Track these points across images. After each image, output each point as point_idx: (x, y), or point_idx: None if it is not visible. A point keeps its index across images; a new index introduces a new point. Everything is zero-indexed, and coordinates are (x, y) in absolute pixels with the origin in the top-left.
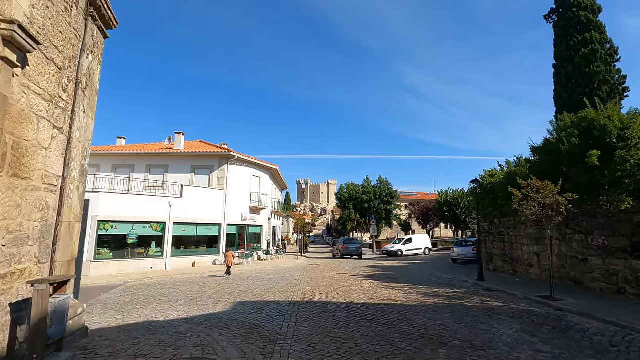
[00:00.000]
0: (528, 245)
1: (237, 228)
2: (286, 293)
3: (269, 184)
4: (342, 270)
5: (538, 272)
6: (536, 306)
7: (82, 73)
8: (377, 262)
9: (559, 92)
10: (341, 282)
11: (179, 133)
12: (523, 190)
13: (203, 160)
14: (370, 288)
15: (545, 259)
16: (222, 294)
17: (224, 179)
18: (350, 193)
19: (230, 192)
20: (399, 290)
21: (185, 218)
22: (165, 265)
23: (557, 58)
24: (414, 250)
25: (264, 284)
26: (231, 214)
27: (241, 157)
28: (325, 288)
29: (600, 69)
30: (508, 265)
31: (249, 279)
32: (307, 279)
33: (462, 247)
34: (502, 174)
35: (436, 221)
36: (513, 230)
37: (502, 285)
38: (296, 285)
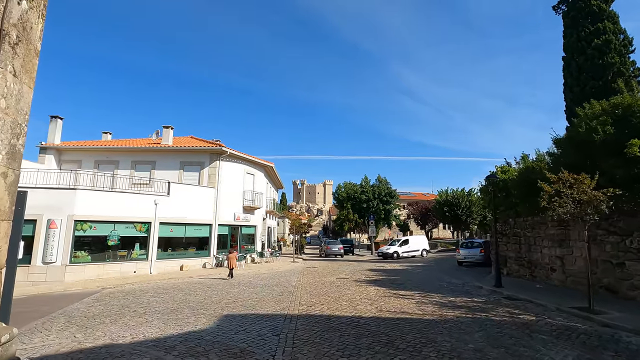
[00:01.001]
0: (549, 247)
1: (229, 228)
2: (281, 303)
3: (263, 183)
4: (342, 274)
5: (561, 278)
6: (576, 321)
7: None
8: (378, 264)
9: (569, 85)
10: (343, 289)
11: (167, 127)
12: (554, 185)
13: (193, 156)
14: (376, 296)
15: (570, 263)
16: (208, 304)
17: (215, 175)
18: (349, 192)
19: (222, 190)
20: (410, 300)
21: (172, 218)
22: (150, 269)
23: (567, 50)
24: (411, 252)
25: (256, 291)
26: (223, 214)
27: (234, 153)
28: (325, 296)
29: (615, 60)
30: (524, 270)
31: (240, 285)
32: (304, 285)
33: (468, 248)
34: (517, 171)
35: (435, 222)
36: (531, 230)
37: (523, 293)
38: (293, 292)
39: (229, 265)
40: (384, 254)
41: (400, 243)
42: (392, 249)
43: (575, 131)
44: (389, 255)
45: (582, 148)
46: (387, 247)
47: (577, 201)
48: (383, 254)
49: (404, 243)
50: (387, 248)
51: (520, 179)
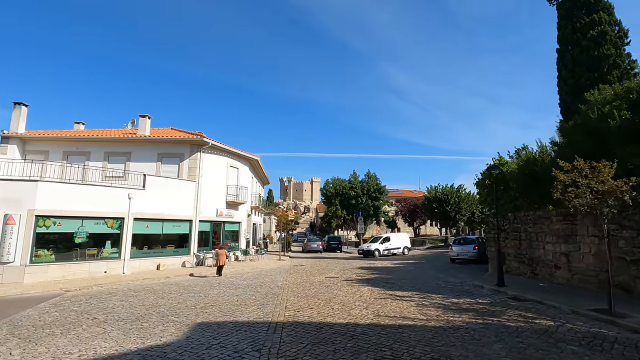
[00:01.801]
0: (553, 243)
1: (211, 225)
2: (265, 308)
3: (248, 177)
4: (332, 272)
5: (567, 276)
6: (599, 326)
7: None
8: (368, 262)
9: (564, 77)
10: (334, 290)
11: (143, 116)
12: (569, 174)
13: (172, 147)
14: (371, 298)
15: (577, 261)
16: (181, 309)
17: (195, 168)
18: (337, 188)
19: (204, 183)
20: (409, 302)
21: (148, 213)
22: (123, 269)
23: (562, 41)
24: (392, 249)
25: (238, 293)
26: (204, 209)
27: (216, 145)
28: (315, 299)
29: (611, 51)
30: (525, 267)
31: (220, 286)
32: (291, 286)
33: (462, 245)
34: (515, 163)
35: (423, 218)
36: (532, 226)
37: (529, 293)
38: (278, 294)
39: (217, 262)
40: (364, 252)
41: (381, 240)
42: (373, 246)
43: (584, 118)
44: (370, 253)
45: (595, 135)
46: (368, 245)
47: (595, 192)
48: (364, 251)
49: (385, 240)
50: (368, 245)
51: (521, 171)
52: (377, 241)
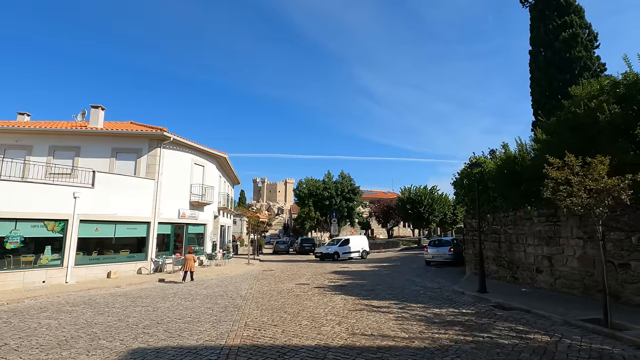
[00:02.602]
0: (534, 245)
1: (172, 227)
2: (221, 325)
3: (215, 176)
4: (303, 278)
5: (549, 280)
6: (600, 340)
7: None
8: (342, 266)
9: (537, 79)
10: (303, 300)
11: (96, 107)
12: (561, 172)
13: (128, 142)
14: (345, 310)
15: (560, 264)
16: (119, 329)
17: (155, 165)
18: (310, 189)
19: (165, 182)
20: (388, 314)
21: (98, 214)
22: (67, 278)
23: (535, 43)
24: (351, 253)
25: (193, 306)
26: (165, 210)
27: (178, 140)
28: (281, 312)
29: (582, 54)
30: (505, 271)
31: (175, 297)
32: (256, 295)
33: (437, 247)
34: (495, 162)
35: (396, 220)
36: (512, 227)
37: (513, 300)
38: (240, 307)
39: (185, 267)
40: (322, 255)
41: (341, 242)
42: (332, 248)
43: (568, 114)
44: (329, 255)
45: (582, 131)
46: (327, 247)
47: (590, 190)
48: (322, 254)
49: (344, 243)
50: (327, 248)
51: (500, 170)
52: (337, 243)
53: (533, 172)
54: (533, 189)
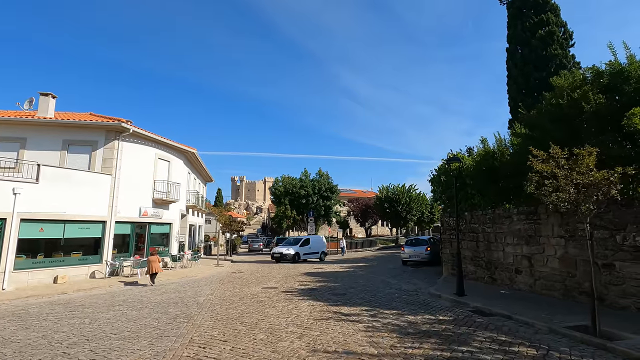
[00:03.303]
0: (514, 245)
1: (132, 227)
2: (160, 342)
3: (183, 172)
4: (272, 281)
5: (529, 282)
6: (592, 353)
7: None
8: (316, 267)
9: (514, 76)
10: (266, 307)
11: (45, 94)
12: (544, 165)
13: (82, 133)
14: (310, 319)
15: (540, 264)
16: (34, 350)
17: (112, 159)
18: (287, 187)
19: (124, 177)
20: (357, 323)
21: (44, 212)
22: (3, 284)
23: (512, 41)
24: (311, 254)
25: (139, 316)
26: (124, 208)
27: (139, 133)
28: (236, 323)
29: (558, 52)
30: (482, 271)
31: (122, 305)
32: (215, 302)
33: (414, 246)
34: (473, 158)
35: (375, 219)
36: (491, 225)
37: (493, 304)
38: (191, 317)
39: (149, 270)
40: (280, 256)
41: (301, 242)
42: (292, 249)
43: (552, 105)
44: (288, 257)
45: (564, 123)
46: (286, 247)
47: (577, 185)
48: (280, 255)
49: (305, 243)
50: (286, 248)
51: (478, 167)
52: (297, 243)
53: (513, 167)
54: (512, 186)
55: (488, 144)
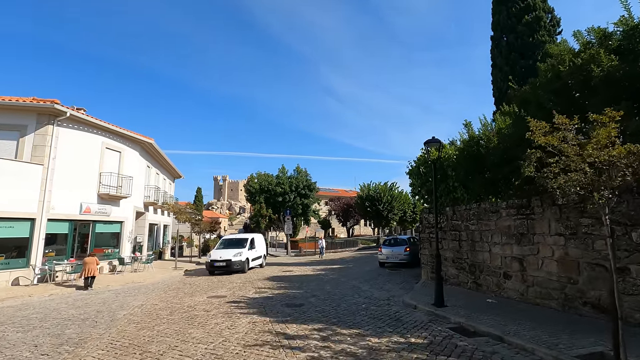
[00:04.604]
0: (502, 245)
1: (71, 225)
2: None
3: (140, 165)
4: (224, 289)
5: (520, 288)
6: None
7: None
8: (286, 269)
9: (499, 65)
10: (195, 325)
11: None
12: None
13: (6, 116)
14: (239, 346)
15: (534, 268)
16: None
17: (46, 147)
18: (262, 184)
19: (60, 168)
20: (299, 351)
21: None
22: None
23: (496, 28)
24: (256, 259)
25: (15, 342)
26: (60, 203)
27: (79, 117)
28: (136, 353)
29: (545, 38)
30: (466, 275)
31: (13, 324)
32: (133, 319)
33: (391, 246)
34: (455, 148)
35: (357, 218)
36: (475, 222)
37: (478, 318)
38: (83, 343)
39: (85, 273)
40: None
41: (249, 244)
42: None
43: (549, 76)
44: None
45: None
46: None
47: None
48: (215, 264)
49: (251, 245)
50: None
51: (461, 155)
52: (241, 245)
53: (501, 154)
54: (500, 177)
55: (472, 129)
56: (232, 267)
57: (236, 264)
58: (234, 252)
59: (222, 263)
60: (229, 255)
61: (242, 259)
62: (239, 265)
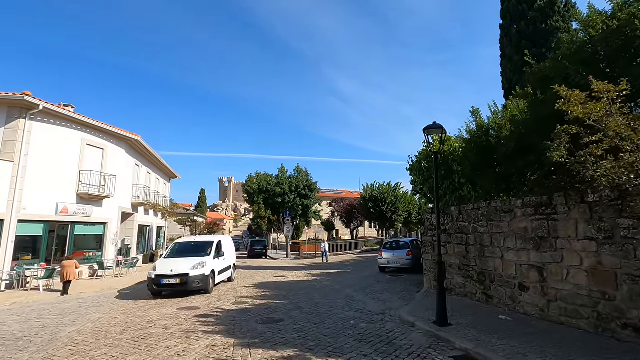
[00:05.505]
0: (517, 250)
1: (45, 226)
2: None
3: (126, 163)
4: (201, 298)
5: (541, 303)
6: None
7: None
8: (279, 273)
9: (508, 55)
10: (134, 353)
11: None
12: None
13: None
14: None
15: (557, 279)
16: None
17: (17, 142)
18: (261, 184)
19: (34, 166)
20: None
21: None
22: None
23: (506, 15)
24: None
25: None
26: (33, 203)
27: (54, 111)
28: None
29: (559, 24)
30: (474, 285)
31: None
32: (71, 341)
33: (393, 250)
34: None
35: (360, 220)
36: (485, 223)
37: (490, 343)
38: None
39: (63, 276)
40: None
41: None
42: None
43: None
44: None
45: (596, 67)
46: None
47: None
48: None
49: (217, 252)
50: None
51: (468, 148)
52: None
53: (515, 144)
54: (514, 171)
55: (481, 117)
56: (190, 284)
57: (196, 280)
58: (192, 263)
59: (174, 279)
60: (184, 267)
61: (205, 272)
62: (200, 281)
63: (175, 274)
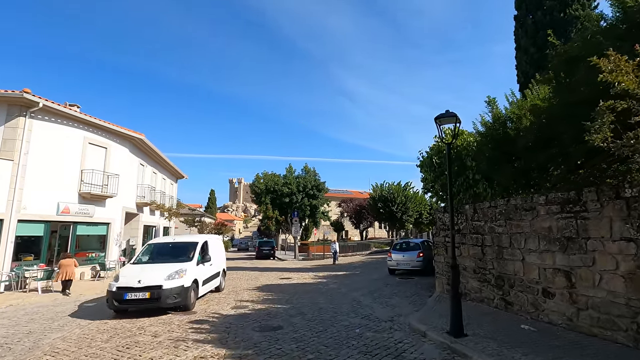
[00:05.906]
0: (540, 252)
1: (46, 226)
2: None
3: (131, 163)
4: (200, 301)
5: (569, 311)
6: None
7: None
8: (285, 274)
9: (524, 47)
10: None
11: None
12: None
13: None
14: None
15: (587, 285)
16: None
17: (17, 141)
18: (268, 184)
19: (35, 165)
20: None
21: None
22: None
23: (520, 6)
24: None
25: None
26: (33, 203)
27: (55, 109)
28: None
29: (579, 12)
30: (491, 290)
31: None
32: (53, 349)
33: (403, 251)
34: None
35: (370, 220)
36: (503, 223)
37: (512, 358)
38: None
39: (62, 276)
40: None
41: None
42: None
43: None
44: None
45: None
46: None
47: None
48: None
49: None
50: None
51: (484, 141)
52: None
53: (536, 134)
54: (534, 165)
55: (497, 107)
56: (163, 300)
57: (172, 294)
58: (168, 271)
59: (142, 293)
60: (157, 276)
61: (183, 284)
62: (177, 295)
63: (143, 285)
